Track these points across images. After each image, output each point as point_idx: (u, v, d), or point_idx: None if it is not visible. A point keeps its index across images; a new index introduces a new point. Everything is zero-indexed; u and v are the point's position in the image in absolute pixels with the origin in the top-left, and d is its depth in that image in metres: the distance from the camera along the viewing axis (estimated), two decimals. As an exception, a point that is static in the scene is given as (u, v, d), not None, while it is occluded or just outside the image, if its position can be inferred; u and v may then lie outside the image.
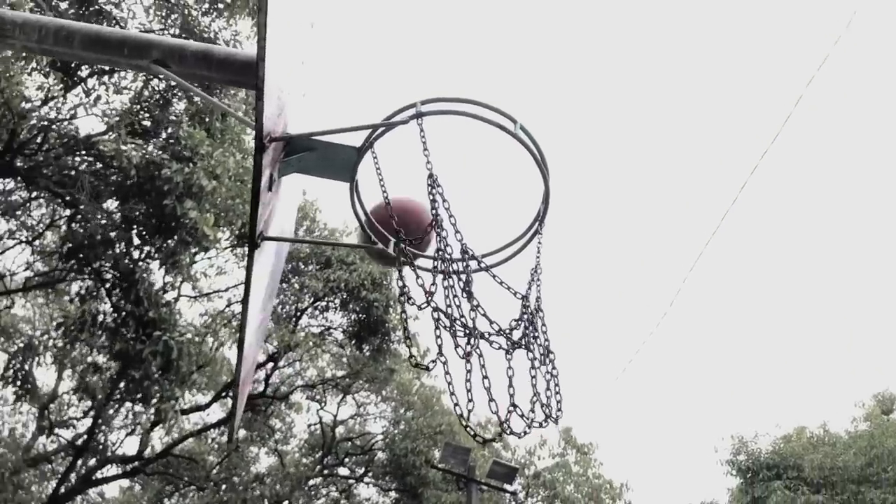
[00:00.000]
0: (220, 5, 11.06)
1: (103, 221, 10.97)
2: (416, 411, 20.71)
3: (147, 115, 11.12)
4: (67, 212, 11.96)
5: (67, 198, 11.11)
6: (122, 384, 12.76)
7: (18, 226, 14.57)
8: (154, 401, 11.45)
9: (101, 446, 16.56)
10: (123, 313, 11.10)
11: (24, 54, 9.02)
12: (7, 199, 13.51)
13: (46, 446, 18.84)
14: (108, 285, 11.26)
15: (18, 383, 14.16)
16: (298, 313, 16.44)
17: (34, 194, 12.97)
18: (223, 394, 17.38)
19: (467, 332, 2.97)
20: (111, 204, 11.66)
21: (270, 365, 17.45)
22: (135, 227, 11.07)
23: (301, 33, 3.95)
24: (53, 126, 11.30)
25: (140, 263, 10.93)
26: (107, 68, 10.53)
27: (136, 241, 11.20)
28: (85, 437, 16.34)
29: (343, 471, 23.80)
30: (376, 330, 15.29)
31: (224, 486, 19.06)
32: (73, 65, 10.66)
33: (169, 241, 10.75)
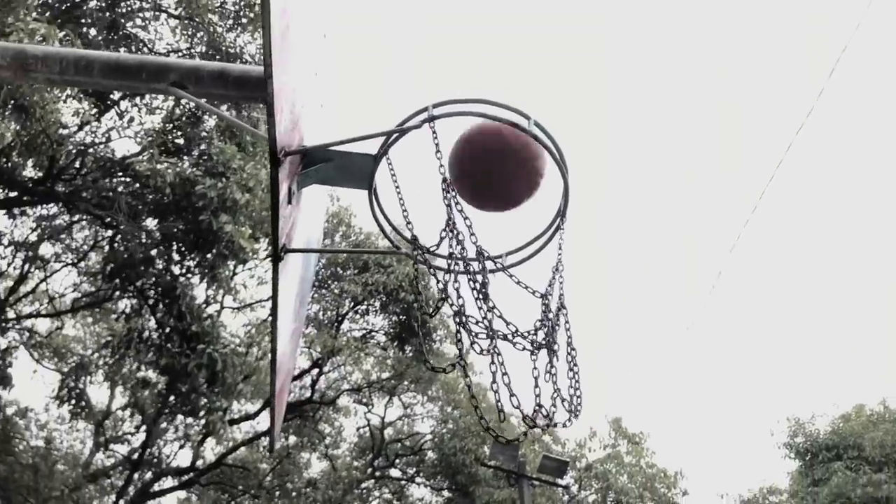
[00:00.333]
0: (244, 20, 11.20)
1: (143, 240, 11.19)
2: (463, 409, 20.72)
3: (179, 133, 11.31)
4: (109, 233, 12.23)
5: (108, 219, 11.36)
6: (171, 398, 13.03)
7: (63, 249, 14.96)
8: (202, 413, 11.65)
9: (155, 459, 16.92)
10: (168, 329, 11.31)
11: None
12: (51, 223, 13.87)
13: (104, 462, 19.32)
14: (151, 302, 11.47)
15: (73, 402, 14.54)
16: (340, 318, 16.58)
17: (76, 217, 13.28)
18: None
19: (487, 334, 2.97)
20: (150, 222, 11.90)
21: (315, 371, 17.63)
22: (174, 243, 11.27)
23: (313, 44, 3.98)
24: (90, 150, 11.56)
25: (181, 279, 11.12)
26: (138, 90, 10.76)
27: (176, 257, 11.40)
28: (139, 451, 16.69)
29: (394, 472, 23.92)
30: (421, 330, 15.35)
31: (278, 493, 19.32)
32: (105, 89, 10.91)
33: (208, 256, 10.93)
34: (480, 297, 3.06)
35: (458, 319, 3.07)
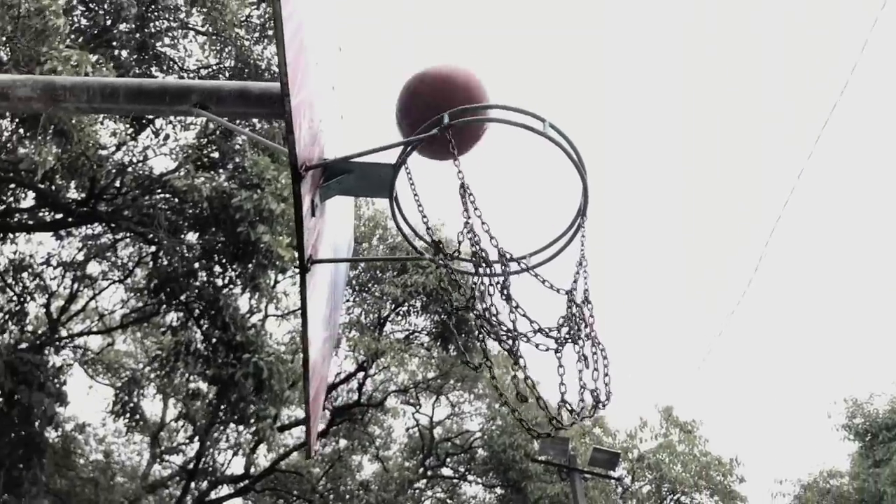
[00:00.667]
0: (270, 32, 11.34)
1: (185, 254, 11.41)
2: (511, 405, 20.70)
3: (213, 147, 11.50)
4: (151, 249, 12.50)
5: (149, 235, 11.61)
6: (221, 407, 13.26)
7: (110, 266, 15.30)
8: (252, 421, 11.82)
9: (210, 468, 17.21)
10: (213, 340, 11.52)
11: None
12: (96, 242, 14.20)
13: (161, 472, 19.74)
14: (196, 314, 11.69)
15: (128, 415, 14.87)
16: (382, 320, 16.68)
17: (119, 235, 13.59)
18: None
19: (509, 334, 2.99)
20: (191, 236, 12.13)
21: (361, 374, 17.78)
22: (214, 256, 11.47)
23: (329, 59, 4.03)
24: (128, 169, 11.83)
25: (223, 290, 11.31)
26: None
27: (218, 269, 11.60)
28: (194, 460, 17.01)
29: (446, 471, 24.00)
30: (459, 329, 15.35)
31: (331, 497, 19.52)
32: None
33: (248, 266, 11.10)
34: (503, 297, 3.08)
35: (479, 322, 3.09)
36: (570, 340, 3.06)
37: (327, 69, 3.98)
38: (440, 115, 3.55)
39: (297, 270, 14.40)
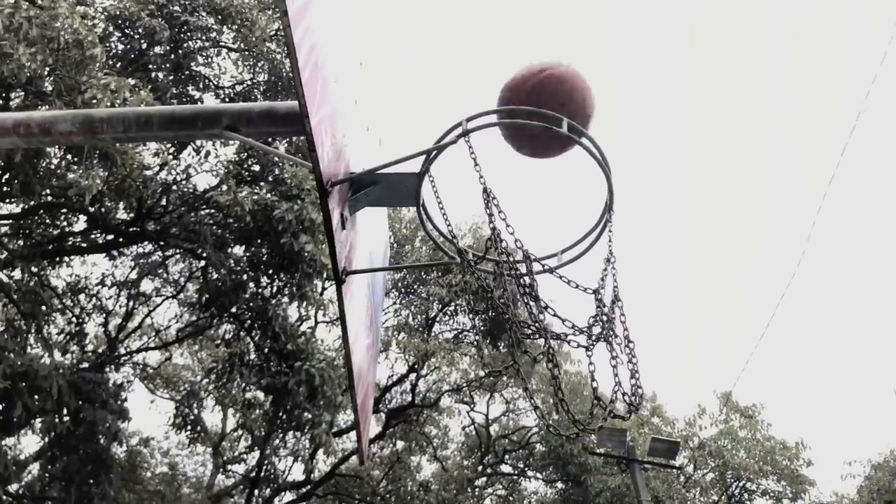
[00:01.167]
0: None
1: (232, 267, 11.64)
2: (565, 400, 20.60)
3: (253, 160, 11.69)
4: (201, 263, 12.77)
5: (198, 251, 11.86)
6: (279, 415, 13.48)
7: (162, 283, 15.68)
8: (307, 427, 11.99)
9: (271, 476, 17.49)
10: (266, 349, 11.73)
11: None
12: (147, 260, 14.57)
13: (225, 482, 20.13)
14: (247, 325, 11.91)
15: (188, 428, 15.22)
16: (430, 321, 16.76)
17: (169, 252, 13.92)
18: (374, 408, 17.98)
19: (540, 334, 3.00)
20: (238, 250, 12.35)
21: (413, 375, 17.88)
22: (261, 267, 11.67)
23: (349, 74, 4.08)
24: (173, 187, 12.09)
25: (272, 301, 11.50)
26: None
27: (265, 280, 11.79)
28: (255, 469, 17.32)
29: (505, 468, 24.01)
30: (504, 327, 15.34)
31: (392, 499, 19.67)
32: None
33: (294, 276, 11.27)
34: (531, 298, 3.09)
35: (508, 324, 3.11)
36: (601, 339, 3.05)
37: (348, 84, 4.03)
38: (459, 122, 3.58)
39: (342, 277, 14.62)
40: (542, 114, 3.52)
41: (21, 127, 4.31)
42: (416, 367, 17.26)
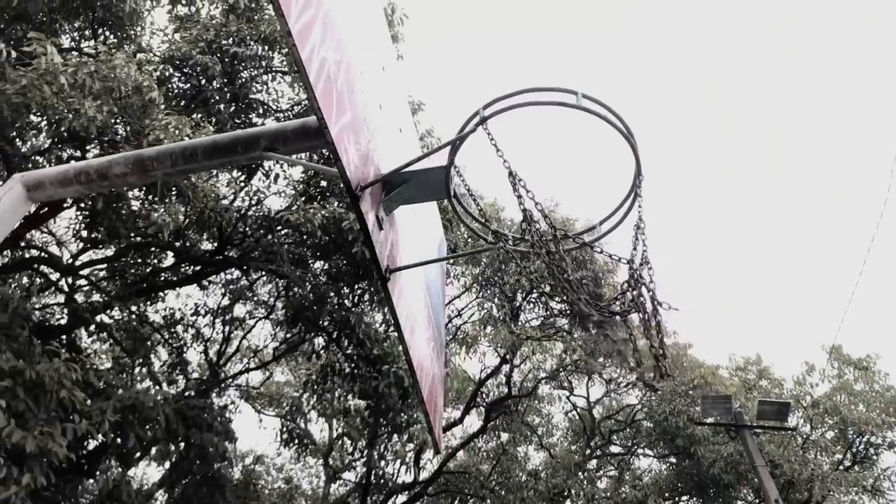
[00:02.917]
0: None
1: (314, 282, 11.99)
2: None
3: (320, 176, 11.99)
4: (284, 282, 13.19)
5: (279, 270, 12.27)
6: (379, 420, 13.79)
7: (254, 305, 16.24)
8: (404, 428, 12.24)
9: (381, 480, 17.86)
10: (354, 357, 12.04)
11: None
12: (236, 285, 15.13)
13: (339, 491, 20.69)
14: (334, 336, 12.25)
15: (296, 441, 15.72)
16: (515, 311, 16.76)
17: (255, 276, 14.42)
18: (471, 403, 18.14)
19: (573, 308, 3.05)
20: (317, 264, 12.71)
21: (506, 367, 17.94)
22: (341, 278, 11.98)
23: (371, 80, 4.21)
24: (249, 213, 12.54)
25: (353, 309, 11.79)
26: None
27: (346, 290, 12.10)
28: (365, 475, 17.74)
29: (615, 448, 23.80)
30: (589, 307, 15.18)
31: (503, 492, 19.77)
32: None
33: (372, 282, 11.53)
34: (561, 273, 3.14)
35: (542, 299, 3.18)
36: (633, 308, 3.08)
37: (370, 91, 4.16)
38: (476, 111, 3.65)
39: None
40: (555, 89, 3.55)
41: (81, 175, 4.63)
42: (507, 358, 17.32)
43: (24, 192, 4.50)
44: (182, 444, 11.60)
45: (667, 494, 22.82)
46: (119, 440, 9.77)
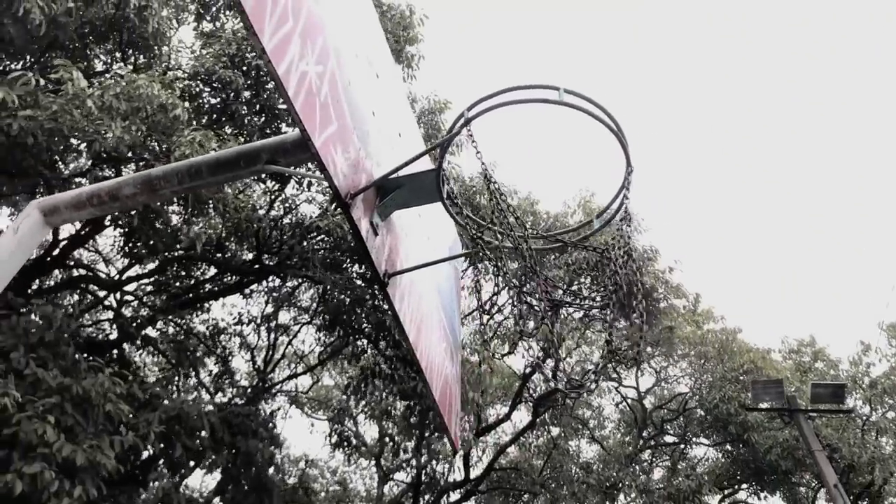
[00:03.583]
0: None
1: (349, 285, 12.12)
2: (713, 359, 19.93)
3: (348, 181, 12.12)
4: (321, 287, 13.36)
5: (316, 276, 12.43)
6: (425, 420, 13.88)
7: (297, 311, 16.48)
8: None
9: (432, 479, 17.96)
10: (393, 359, 12.15)
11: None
12: (278, 293, 15.38)
13: (393, 491, 20.87)
14: (372, 338, 12.37)
15: (345, 444, 15.92)
16: (554, 305, 16.66)
17: (295, 282, 14.64)
18: (517, 399, 18.11)
19: (544, 305, 3.07)
20: (354, 269, 12.84)
21: (550, 362, 17.84)
22: (372, 281, 12.09)
23: (362, 89, 4.26)
24: (284, 221, 12.74)
25: (387, 310, 11.90)
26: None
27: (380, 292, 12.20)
28: (416, 475, 17.86)
29: (668, 438, 23.51)
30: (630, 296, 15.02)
31: (553, 486, 19.71)
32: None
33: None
34: (536, 275, 3.16)
35: (515, 299, 3.20)
36: (608, 305, 3.10)
37: (361, 100, 4.21)
38: (462, 112, 3.68)
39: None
40: (537, 86, 3.57)
41: (94, 198, 4.79)
42: (549, 352, 17.22)
43: (42, 218, 4.68)
44: (230, 452, 11.85)
45: (724, 483, 22.46)
46: (167, 450, 10.03)
